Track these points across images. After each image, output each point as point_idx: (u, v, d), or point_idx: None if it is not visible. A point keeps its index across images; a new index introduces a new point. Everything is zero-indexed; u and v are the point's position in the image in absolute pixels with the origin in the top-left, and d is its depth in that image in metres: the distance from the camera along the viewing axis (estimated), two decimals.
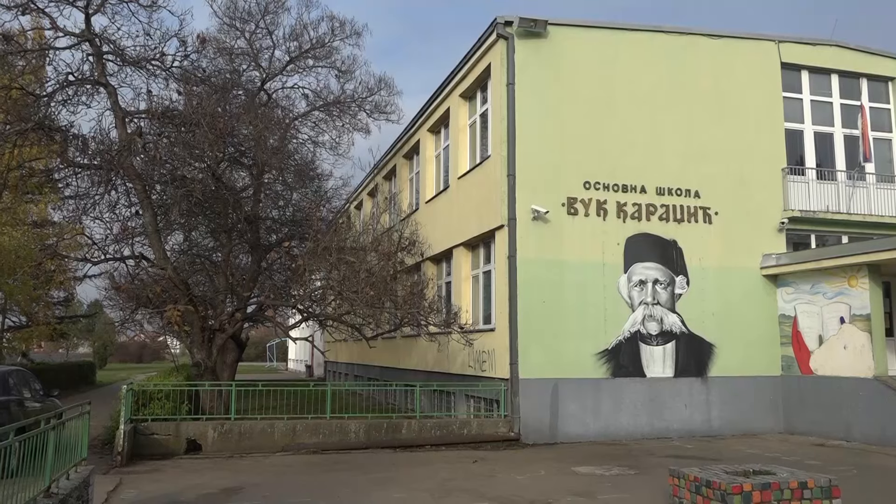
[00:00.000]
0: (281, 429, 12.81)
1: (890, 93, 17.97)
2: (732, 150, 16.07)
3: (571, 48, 15.32)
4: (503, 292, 14.50)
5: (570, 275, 14.57)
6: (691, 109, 16.00)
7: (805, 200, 16.57)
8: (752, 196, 16.08)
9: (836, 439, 14.22)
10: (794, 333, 15.56)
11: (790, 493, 7.18)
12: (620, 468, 11.09)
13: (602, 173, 15.10)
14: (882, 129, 17.75)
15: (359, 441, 13.05)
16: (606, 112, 15.34)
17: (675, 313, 15.24)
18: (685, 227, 15.56)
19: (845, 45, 17.60)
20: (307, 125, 19.16)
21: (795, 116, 17.14)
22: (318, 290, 15.63)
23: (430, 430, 13.52)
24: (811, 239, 16.77)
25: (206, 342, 14.85)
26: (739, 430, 15.26)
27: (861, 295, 14.10)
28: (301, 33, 18.30)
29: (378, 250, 15.81)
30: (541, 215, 14.47)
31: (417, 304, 15.11)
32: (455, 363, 16.68)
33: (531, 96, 14.78)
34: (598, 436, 14.26)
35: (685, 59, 16.17)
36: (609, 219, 15.04)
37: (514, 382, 13.97)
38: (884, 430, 13.44)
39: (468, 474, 10.65)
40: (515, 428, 13.81)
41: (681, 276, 15.39)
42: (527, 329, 14.08)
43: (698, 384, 15.19)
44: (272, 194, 17.12)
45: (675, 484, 8.07)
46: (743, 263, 15.85)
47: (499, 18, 14.72)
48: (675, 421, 14.89)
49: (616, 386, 14.60)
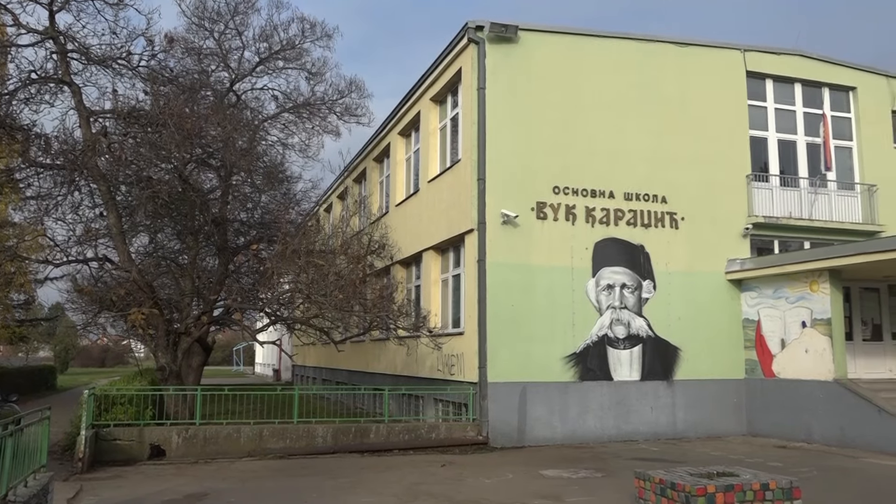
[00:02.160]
0: (247, 434, 12.66)
1: (851, 102, 18.40)
2: (698, 157, 16.32)
3: (542, 54, 15.43)
4: (472, 296, 14.53)
5: (539, 279, 14.65)
6: (659, 116, 16.21)
7: (769, 206, 16.89)
8: (717, 202, 16.34)
9: (798, 441, 14.49)
10: (757, 337, 15.83)
11: (752, 494, 7.30)
12: (587, 471, 11.16)
13: (571, 178, 15.22)
14: (843, 138, 18.16)
15: (326, 445, 12.96)
16: (576, 117, 15.47)
17: (641, 317, 15.40)
18: (652, 231, 15.74)
19: (808, 55, 17.99)
20: (276, 127, 19.07)
21: (760, 124, 17.46)
22: (286, 293, 15.50)
23: (399, 434, 13.48)
24: (774, 244, 17.08)
25: (171, 346, 14.63)
26: (704, 432, 15.47)
27: (822, 300, 14.39)
28: (271, 34, 18.20)
29: (347, 253, 15.74)
30: (510, 219, 14.53)
31: (386, 308, 15.07)
32: (424, 367, 16.66)
33: (502, 101, 14.85)
34: (565, 439, 14.34)
35: (653, 66, 16.38)
36: (578, 223, 15.16)
37: (482, 386, 13.99)
38: (843, 431, 13.73)
39: (436, 478, 10.63)
40: (484, 432, 13.83)
41: (648, 280, 15.57)
42: (496, 333, 14.12)
43: (664, 387, 15.37)
44: (240, 196, 16.95)
45: (640, 486, 8.15)
46: (708, 268, 16.09)
47: (470, 23, 14.77)
48: (642, 424, 15.05)
49: (583, 389, 14.70)
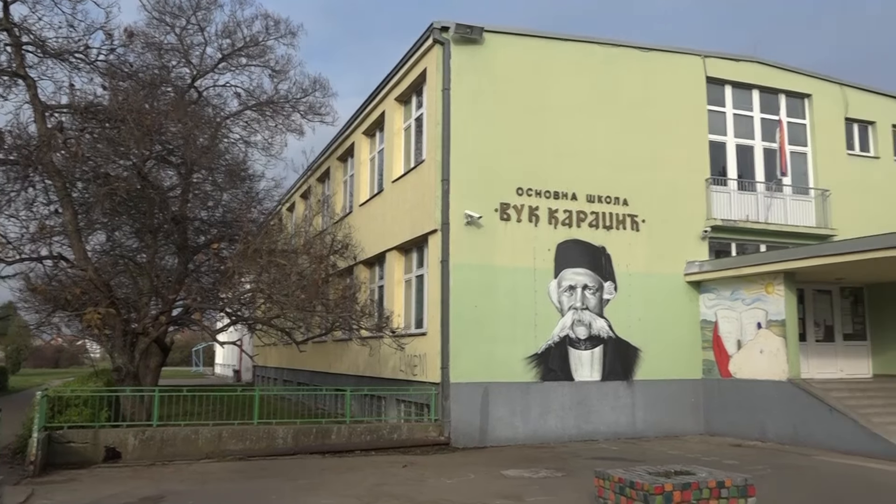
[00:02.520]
0: (206, 435, 12.47)
1: (806, 109, 18.87)
2: (660, 160, 16.57)
3: (506, 56, 15.51)
4: (435, 297, 14.54)
5: (501, 280, 14.72)
6: (621, 119, 16.41)
7: (727, 210, 17.23)
8: (677, 205, 16.61)
9: (752, 440, 14.80)
10: (714, 338, 16.13)
11: (709, 492, 7.43)
12: (548, 471, 11.25)
13: (535, 180, 15.32)
14: (798, 144, 18.62)
15: (287, 447, 12.83)
16: (540, 119, 15.59)
17: (603, 318, 15.58)
18: (614, 233, 15.94)
19: (766, 62, 18.41)
20: (239, 125, 18.81)
21: (719, 129, 17.80)
22: (247, 292, 15.32)
23: (360, 435, 13.42)
24: (732, 247, 17.43)
25: (128, 346, 14.36)
26: (662, 431, 15.71)
27: (777, 301, 14.73)
28: (234, 31, 17.95)
29: (310, 253, 15.62)
30: (474, 220, 14.58)
31: (349, 308, 15.00)
32: (386, 367, 16.62)
33: (466, 102, 14.89)
34: (526, 439, 14.43)
35: (616, 71, 16.59)
36: (541, 225, 15.27)
37: (445, 386, 14.01)
38: (796, 430, 14.07)
39: (398, 479, 10.61)
40: (446, 432, 13.84)
41: (609, 281, 15.75)
42: (458, 333, 14.15)
43: (624, 387, 15.57)
44: (201, 194, 16.69)
45: (600, 485, 8.24)
46: (668, 270, 16.35)
47: (435, 24, 14.78)
48: (602, 423, 15.22)
49: (545, 390, 14.81)
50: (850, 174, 18.75)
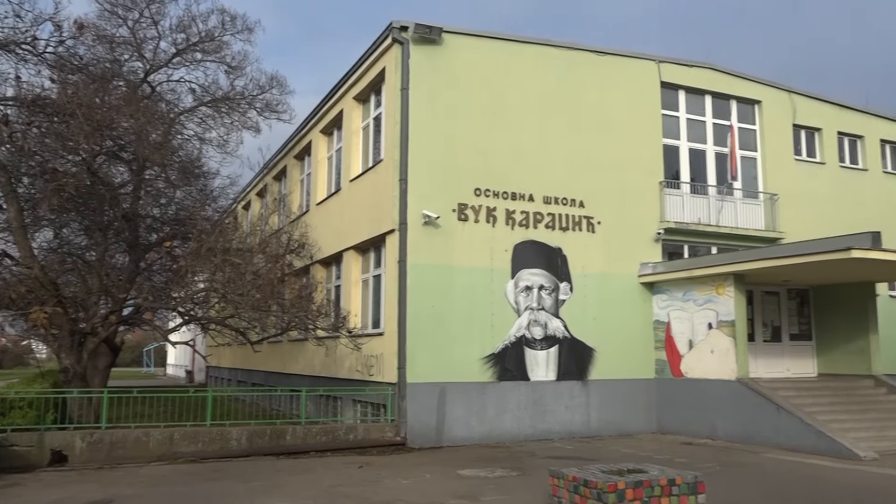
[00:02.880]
0: (157, 437, 12.21)
1: (756, 115, 19.35)
2: (615, 163, 16.81)
3: (465, 57, 15.55)
4: (393, 297, 14.50)
5: (459, 280, 14.76)
6: (578, 122, 16.60)
7: (679, 212, 17.57)
8: (632, 207, 16.87)
9: (703, 438, 15.12)
10: (667, 338, 16.43)
11: (660, 489, 7.57)
12: (503, 470, 11.32)
13: (492, 181, 15.40)
14: (748, 149, 19.09)
15: (241, 448, 12.66)
16: (498, 121, 15.67)
17: (558, 318, 15.74)
18: (570, 235, 16.11)
19: (718, 69, 18.82)
20: (193, 121, 18.46)
21: (672, 133, 18.14)
22: (200, 292, 15.06)
23: (316, 436, 13.30)
24: (684, 249, 17.78)
25: (76, 346, 13.98)
26: (616, 430, 15.94)
27: (727, 302, 15.08)
28: (189, 25, 17.60)
29: (266, 252, 15.44)
30: (432, 220, 14.58)
31: (305, 308, 14.86)
32: (343, 367, 16.52)
33: (425, 102, 14.89)
34: (482, 439, 14.50)
35: (573, 74, 16.77)
36: (498, 225, 15.35)
37: (401, 387, 13.98)
38: (744, 428, 14.42)
39: (353, 480, 10.55)
40: (402, 432, 13.82)
41: (565, 282, 15.92)
42: (415, 333, 14.14)
43: (579, 387, 15.75)
44: (153, 191, 16.36)
45: (554, 484, 8.32)
46: (622, 271, 16.59)
47: (394, 23, 14.74)
48: (557, 423, 15.37)
49: (501, 390, 14.90)
50: (797, 179, 19.30)
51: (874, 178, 20.81)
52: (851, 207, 19.73)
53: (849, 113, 20.74)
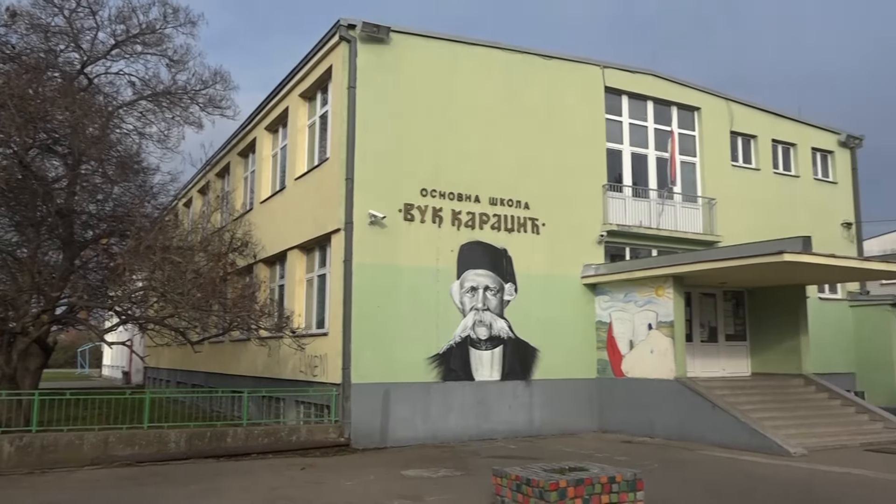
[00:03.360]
0: (91, 441, 11.83)
1: (696, 121, 19.88)
2: (560, 166, 17.04)
3: (413, 57, 15.54)
4: (338, 296, 14.39)
5: (404, 280, 14.74)
6: (524, 124, 16.77)
7: (622, 215, 17.92)
8: (575, 209, 17.13)
9: (642, 436, 15.46)
10: (609, 338, 16.75)
11: (601, 487, 7.71)
12: (447, 470, 11.35)
13: (439, 181, 15.43)
14: (688, 154, 19.60)
15: (179, 451, 12.37)
16: (445, 122, 15.71)
17: (503, 319, 15.87)
18: (515, 236, 16.26)
19: (660, 75, 19.27)
20: (133, 115, 17.99)
21: (615, 137, 18.49)
22: (138, 290, 14.67)
23: (258, 438, 13.10)
24: (626, 251, 18.15)
25: (6, 347, 13.45)
26: (559, 429, 16.16)
27: (666, 304, 15.46)
28: (129, 16, 17.14)
29: (207, 250, 15.14)
30: (378, 220, 14.53)
31: (248, 308, 14.62)
32: (286, 368, 16.31)
33: (372, 101, 14.82)
34: (427, 439, 14.51)
35: (520, 77, 16.94)
36: (444, 226, 15.40)
37: (345, 387, 13.89)
38: (682, 426, 14.81)
39: (296, 482, 10.43)
40: (346, 433, 13.72)
41: (510, 283, 16.06)
42: (360, 333, 14.06)
43: (522, 387, 15.91)
44: (90, 187, 15.83)
45: (497, 483, 8.39)
46: (566, 272, 16.83)
47: (342, 21, 14.63)
48: (501, 422, 15.49)
49: (446, 390, 14.94)
50: (734, 185, 19.91)
51: (805, 185, 21.62)
52: (784, 212, 20.46)
53: (783, 121, 21.50)
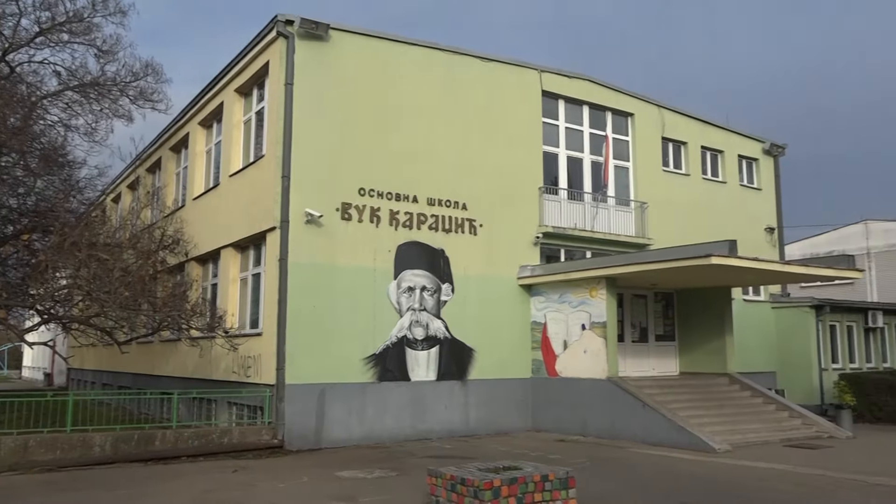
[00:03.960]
0: (9, 445, 11.32)
1: (629, 127, 20.37)
2: (497, 167, 17.20)
3: (353, 55, 15.44)
4: (272, 296, 14.17)
5: (341, 280, 14.63)
6: (463, 126, 16.86)
7: (557, 217, 18.21)
8: (512, 211, 17.32)
9: (575, 435, 15.75)
10: (543, 339, 17.00)
11: (534, 485, 7.82)
12: (382, 470, 11.32)
13: (377, 181, 15.37)
14: (622, 159, 20.07)
15: (105, 455, 11.95)
16: (384, 121, 15.66)
17: (440, 319, 15.92)
18: (453, 237, 16.34)
19: (596, 81, 19.66)
20: (58, 106, 17.36)
21: (552, 140, 18.78)
22: (62, 289, 14.10)
23: (188, 441, 12.77)
24: (561, 253, 18.46)
25: None
26: (494, 429, 16.31)
27: (599, 304, 15.79)
28: (55, 3, 16.55)
29: (136, 248, 14.70)
30: (314, 219, 14.37)
31: (179, 307, 14.25)
32: (218, 369, 15.96)
33: (310, 98, 14.65)
34: (362, 439, 14.43)
35: (460, 78, 17.03)
36: (382, 226, 15.35)
37: (279, 388, 13.69)
38: (613, 424, 15.15)
39: (227, 485, 10.22)
40: (280, 435, 13.52)
41: (447, 283, 16.12)
42: (295, 334, 13.88)
43: (458, 387, 16.00)
44: (10, 180, 15.15)
45: (432, 483, 8.41)
46: (502, 273, 17.01)
47: (279, 16, 14.42)
48: (436, 422, 15.54)
49: (381, 390, 14.89)
50: (665, 189, 20.48)
51: (732, 191, 22.42)
52: (712, 217, 21.17)
53: (711, 129, 22.24)
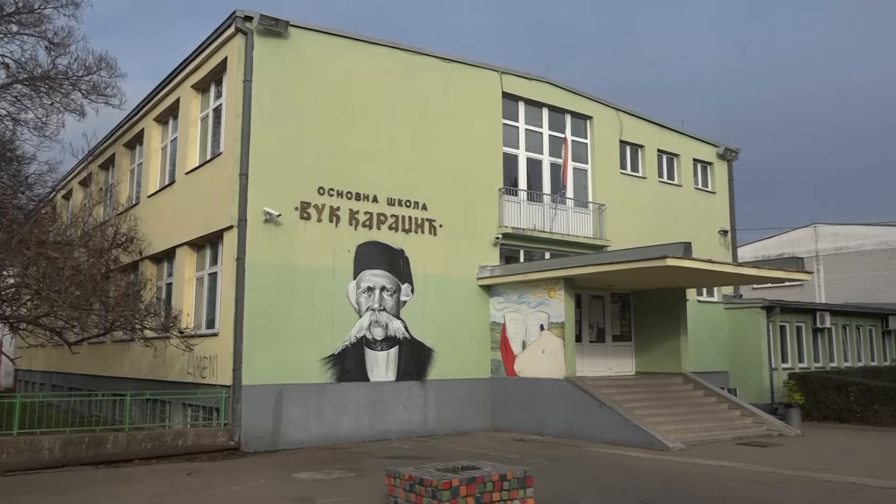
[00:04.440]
0: None
1: (588, 129, 20.61)
2: (458, 168, 17.25)
3: (313, 53, 15.31)
4: (229, 296, 13.97)
5: (300, 280, 14.49)
6: (424, 126, 16.86)
7: (517, 218, 18.33)
8: (472, 211, 17.38)
9: (533, 434, 15.88)
10: (502, 339, 17.09)
11: (492, 485, 7.86)
12: (341, 472, 11.25)
13: (337, 180, 15.27)
14: (580, 161, 20.29)
15: (54, 459, 11.63)
16: (344, 120, 15.57)
17: (399, 319, 15.89)
18: (412, 237, 16.32)
19: (555, 83, 19.84)
20: (6, 99, 16.85)
21: (512, 142, 18.90)
22: (10, 287, 13.68)
23: (141, 443, 12.51)
24: (520, 253, 18.58)
25: None
26: (453, 429, 16.34)
27: (558, 305, 15.94)
28: None
29: (88, 246, 14.36)
30: (273, 218, 14.21)
31: (132, 307, 13.96)
32: (173, 370, 15.67)
33: (269, 96, 14.49)
34: (320, 440, 14.33)
35: (420, 78, 17.02)
36: (341, 225, 15.26)
37: (236, 389, 13.50)
38: (571, 424, 15.31)
39: (181, 488, 10.04)
40: (236, 436, 13.34)
41: (406, 283, 16.10)
42: (253, 334, 13.71)
43: (417, 387, 15.99)
44: None
45: (391, 484, 8.39)
46: (462, 274, 17.05)
47: (238, 12, 14.23)
48: (395, 423, 15.51)
49: (340, 390, 14.80)
50: (622, 191, 20.77)
51: (687, 194, 22.85)
52: (668, 219, 21.55)
53: (668, 133, 22.63)
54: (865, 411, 19.14)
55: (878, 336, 26.43)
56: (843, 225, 37.69)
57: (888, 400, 18.85)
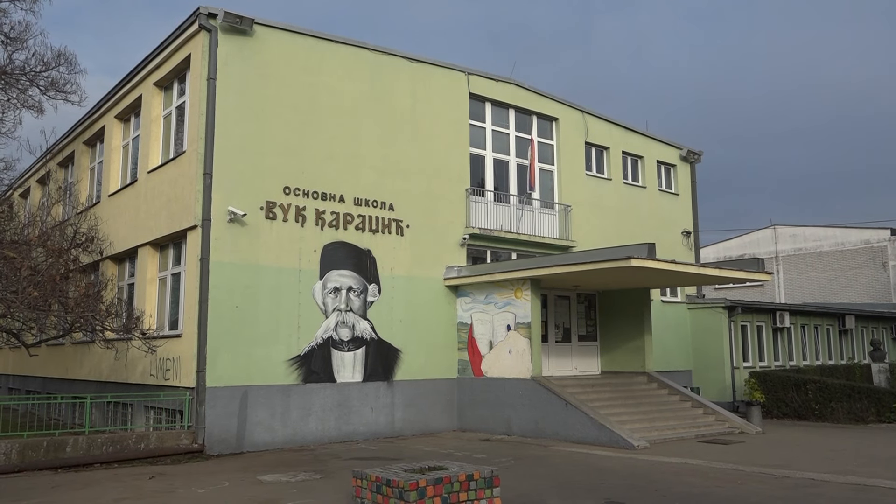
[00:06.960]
0: None
1: (554, 131, 20.76)
2: (424, 168, 17.24)
3: (278, 51, 15.17)
4: (193, 296, 13.77)
5: (265, 280, 14.35)
6: (390, 126, 16.82)
7: (484, 219, 18.40)
8: (439, 212, 17.39)
9: (500, 434, 15.94)
10: (469, 339, 17.13)
11: (459, 485, 7.87)
12: (307, 473, 11.16)
13: (303, 180, 15.16)
14: (547, 162, 20.43)
15: (11, 464, 11.35)
16: (310, 119, 15.45)
17: (366, 320, 15.83)
18: (379, 237, 16.27)
19: (521, 85, 19.95)
20: None
21: (479, 143, 18.95)
22: None
23: (102, 447, 12.27)
24: (487, 254, 18.64)
25: None
26: (420, 429, 16.33)
27: (524, 305, 16.03)
28: None
29: (47, 245, 14.04)
30: (237, 218, 14.05)
31: (92, 308, 13.67)
32: (135, 372, 15.40)
33: (233, 94, 14.33)
34: (286, 442, 14.20)
35: (387, 78, 16.97)
36: (307, 225, 15.14)
37: (200, 391, 13.31)
38: (537, 423, 15.41)
39: (143, 492, 9.87)
40: (200, 439, 13.15)
41: (373, 284, 16.05)
42: (217, 335, 13.54)
43: (384, 388, 15.94)
44: None
45: (357, 485, 8.35)
46: (429, 274, 17.05)
47: (202, 9, 14.04)
48: (362, 424, 15.44)
49: (306, 392, 14.69)
50: (588, 193, 20.97)
51: (651, 195, 23.16)
52: (632, 220, 21.82)
53: (632, 135, 22.91)
54: (823, 409, 19.60)
55: (835, 335, 27.11)
56: (801, 227, 38.62)
57: (844, 397, 19.34)
